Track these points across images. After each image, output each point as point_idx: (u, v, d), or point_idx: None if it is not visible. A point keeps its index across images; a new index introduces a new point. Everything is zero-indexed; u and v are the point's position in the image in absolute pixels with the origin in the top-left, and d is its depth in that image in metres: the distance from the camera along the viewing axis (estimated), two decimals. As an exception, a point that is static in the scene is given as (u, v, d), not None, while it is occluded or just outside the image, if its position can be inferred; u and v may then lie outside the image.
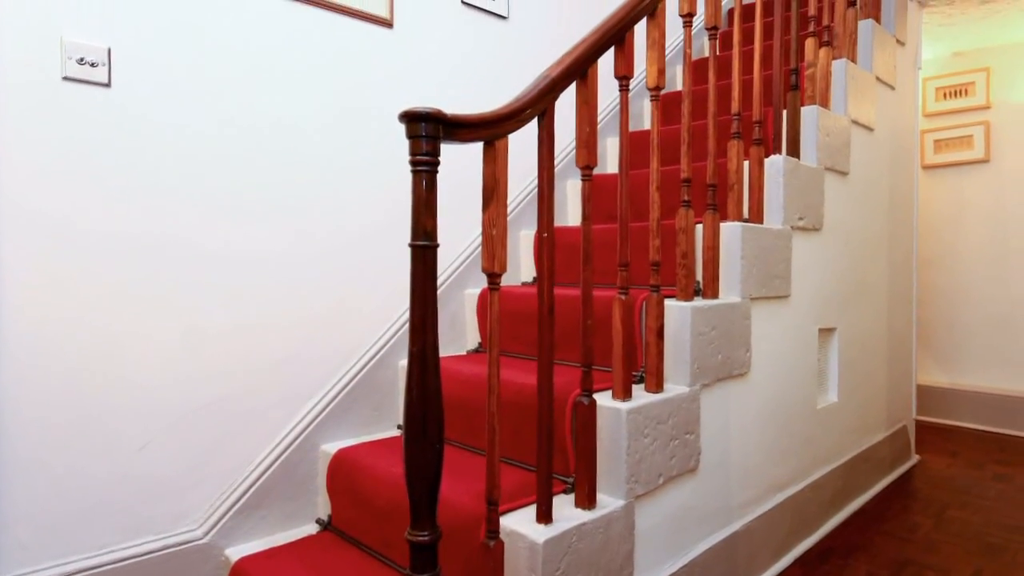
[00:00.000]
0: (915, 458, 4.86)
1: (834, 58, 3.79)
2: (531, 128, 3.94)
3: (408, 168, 2.68)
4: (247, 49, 2.89)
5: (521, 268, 3.96)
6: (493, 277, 2.01)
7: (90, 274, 2.49)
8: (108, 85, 2.51)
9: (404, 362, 3.39)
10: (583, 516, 2.26)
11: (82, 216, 2.46)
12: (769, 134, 3.45)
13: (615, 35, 2.38)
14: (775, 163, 3.19)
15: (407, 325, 3.37)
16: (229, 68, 2.84)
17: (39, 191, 2.37)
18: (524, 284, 3.87)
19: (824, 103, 3.59)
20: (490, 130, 1.97)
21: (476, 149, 3.70)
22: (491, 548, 2.06)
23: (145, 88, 2.60)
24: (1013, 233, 5.84)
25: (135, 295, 2.59)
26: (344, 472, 2.94)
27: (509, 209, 3.90)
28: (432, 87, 3.58)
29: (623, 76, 2.45)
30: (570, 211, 4.27)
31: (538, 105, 2.12)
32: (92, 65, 2.47)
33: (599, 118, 4.55)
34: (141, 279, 2.61)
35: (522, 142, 3.99)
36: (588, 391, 2.34)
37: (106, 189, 2.51)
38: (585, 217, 2.30)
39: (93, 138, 2.48)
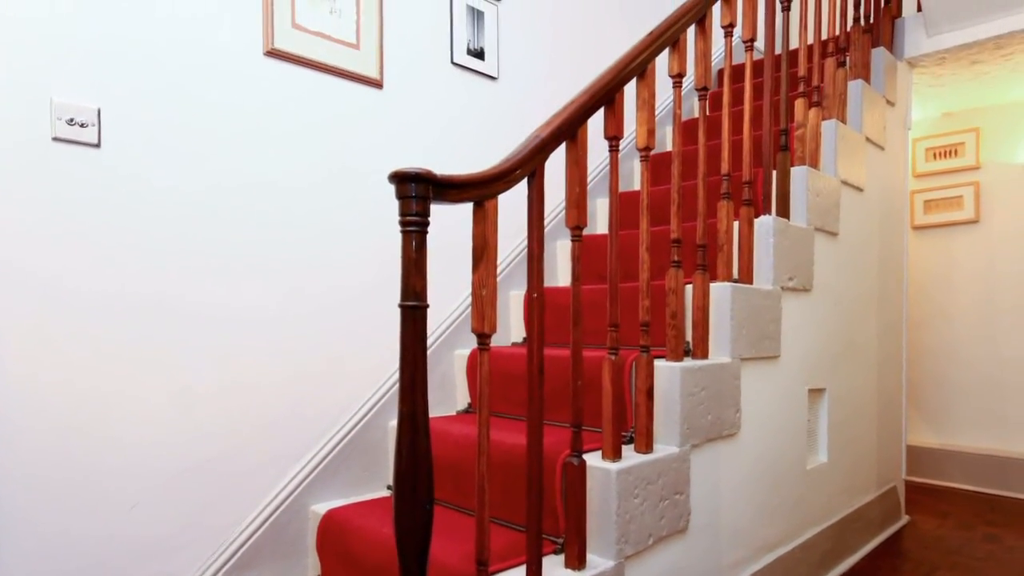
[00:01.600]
0: (905, 518, 4.83)
1: (824, 118, 3.82)
2: (521, 188, 3.95)
3: (398, 228, 2.69)
4: (237, 109, 2.91)
5: (511, 328, 3.95)
6: (483, 338, 2.00)
7: (80, 333, 2.48)
8: (98, 145, 2.52)
9: (394, 422, 3.38)
10: (572, 578, 2.25)
11: (72, 275, 2.46)
12: (759, 194, 3.47)
13: (605, 96, 2.41)
14: (765, 224, 3.21)
15: (397, 385, 3.36)
16: (220, 128, 2.85)
17: (28, 251, 2.37)
18: (514, 344, 3.87)
19: (814, 163, 3.62)
20: (480, 190, 1.98)
21: (466, 208, 3.71)
22: (479, 612, 2.04)
23: (135, 148, 2.61)
24: (1002, 293, 5.86)
25: (125, 354, 2.58)
26: (334, 533, 2.91)
27: (499, 269, 3.91)
28: (422, 147, 3.60)
29: (613, 137, 2.47)
30: (560, 271, 4.28)
31: (528, 165, 2.14)
32: (82, 126, 2.48)
33: (589, 178, 4.58)
34: (131, 338, 2.60)
35: (512, 201, 4.00)
36: (578, 452, 2.33)
37: (96, 249, 2.52)
38: (575, 277, 2.30)
39: (83, 198, 2.49)
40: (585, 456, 2.48)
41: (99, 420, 2.53)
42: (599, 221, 4.59)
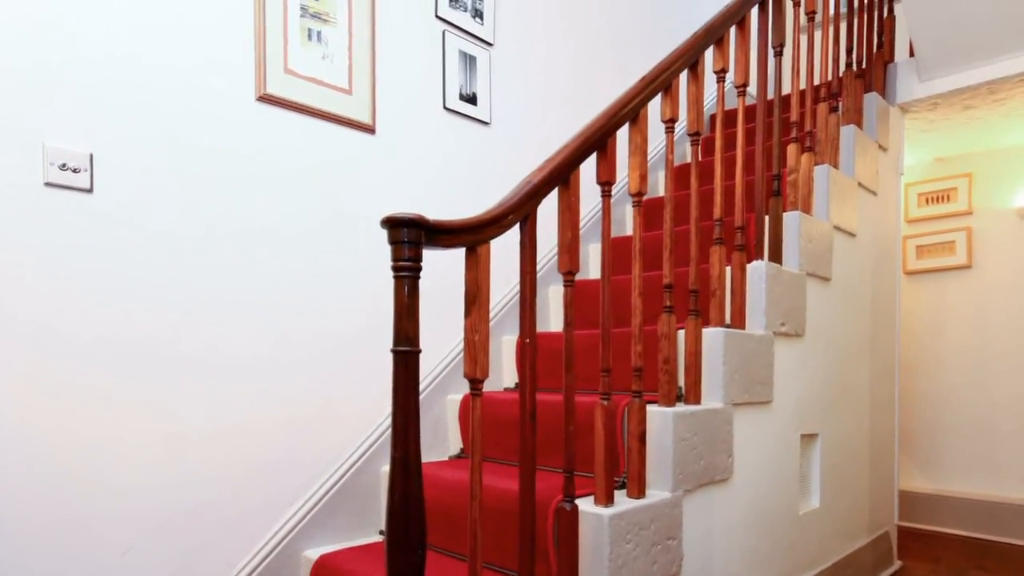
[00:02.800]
0: (897, 564, 4.80)
1: (816, 164, 3.85)
2: (514, 232, 3.96)
3: (390, 273, 2.70)
4: (230, 154, 2.93)
5: (504, 373, 3.95)
6: (475, 383, 2.01)
7: (72, 378, 2.48)
8: (90, 191, 2.53)
9: (387, 467, 3.37)
10: (564, 626, 2.23)
11: (64, 320, 2.46)
12: (751, 240, 3.49)
13: (597, 141, 2.43)
14: (757, 269, 3.22)
15: (389, 430, 3.36)
16: (212, 173, 2.87)
17: (21, 295, 2.37)
18: (507, 389, 3.86)
19: (806, 209, 3.64)
20: (472, 236, 1.99)
21: (459, 253, 3.72)
22: (470, 659, 2.03)
23: (127, 193, 2.62)
24: (994, 338, 5.87)
25: (117, 399, 2.58)
26: (323, 578, 2.90)
27: (492, 314, 3.91)
28: (415, 192, 3.62)
29: (605, 182, 2.49)
30: (552, 316, 4.28)
31: (520, 211, 2.15)
32: (74, 171, 2.49)
33: (582, 223, 4.60)
34: (123, 383, 2.59)
35: (505, 246, 4.01)
36: (570, 497, 2.33)
37: (88, 293, 2.52)
38: (567, 323, 2.31)
39: (75, 243, 2.49)
40: (578, 501, 2.47)
41: (91, 465, 2.52)
42: (592, 266, 4.61)
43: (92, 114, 2.55)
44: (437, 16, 3.76)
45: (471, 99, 3.93)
